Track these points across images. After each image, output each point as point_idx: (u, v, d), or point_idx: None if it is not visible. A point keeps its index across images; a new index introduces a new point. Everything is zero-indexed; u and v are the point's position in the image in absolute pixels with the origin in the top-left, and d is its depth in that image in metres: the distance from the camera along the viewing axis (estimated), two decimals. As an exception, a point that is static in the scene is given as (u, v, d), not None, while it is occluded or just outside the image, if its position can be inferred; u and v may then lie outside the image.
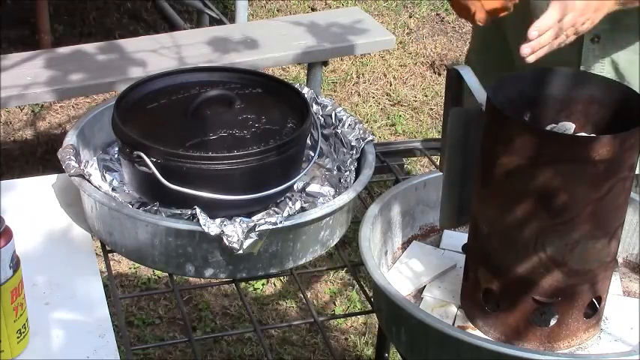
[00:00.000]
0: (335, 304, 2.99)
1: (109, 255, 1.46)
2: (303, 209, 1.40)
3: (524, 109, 1.28)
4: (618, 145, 1.14)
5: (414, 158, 2.09)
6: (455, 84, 1.35)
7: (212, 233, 1.34)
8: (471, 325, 1.30)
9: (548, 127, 1.27)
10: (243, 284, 2.00)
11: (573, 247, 1.20)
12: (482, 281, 1.27)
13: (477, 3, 1.58)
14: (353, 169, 1.54)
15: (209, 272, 1.40)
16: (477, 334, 1.25)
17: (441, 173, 1.49)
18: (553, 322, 1.25)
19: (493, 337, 1.27)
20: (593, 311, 1.27)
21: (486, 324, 1.28)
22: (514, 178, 1.19)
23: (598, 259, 1.22)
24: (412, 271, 1.40)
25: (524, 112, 1.28)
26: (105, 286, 1.40)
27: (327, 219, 1.44)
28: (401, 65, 4.31)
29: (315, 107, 1.62)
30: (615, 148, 1.14)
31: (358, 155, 1.55)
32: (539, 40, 1.45)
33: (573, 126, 1.27)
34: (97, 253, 1.47)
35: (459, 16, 1.67)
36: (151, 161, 1.38)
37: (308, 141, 1.54)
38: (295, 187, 1.52)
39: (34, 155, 3.68)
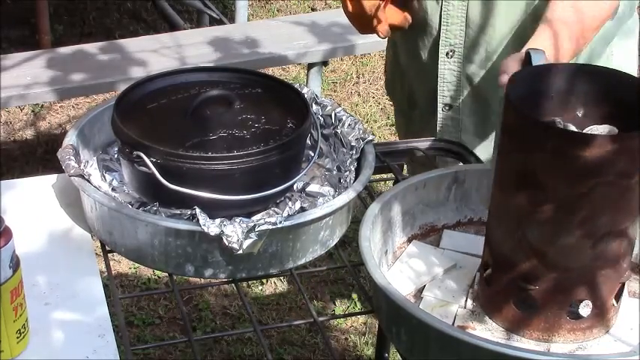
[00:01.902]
0: (335, 304, 2.99)
1: (109, 255, 1.46)
2: (303, 209, 1.40)
3: (578, 105, 1.30)
4: (599, 145, 1.15)
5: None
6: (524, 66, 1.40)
7: (212, 233, 1.34)
8: (471, 325, 1.30)
9: (588, 128, 1.27)
10: (243, 284, 2.00)
11: (552, 240, 1.21)
12: (484, 256, 1.32)
13: (383, 16, 1.73)
14: (353, 169, 1.54)
15: (209, 272, 1.40)
16: (477, 334, 1.25)
17: (441, 173, 1.50)
18: (532, 309, 1.27)
19: (482, 309, 1.32)
20: (582, 315, 1.27)
21: (483, 297, 1.33)
22: (505, 159, 1.25)
23: (581, 260, 1.22)
24: (412, 271, 1.40)
25: (577, 108, 1.30)
26: (105, 286, 1.40)
27: (327, 219, 1.44)
28: (401, 65, 4.30)
29: (315, 107, 1.62)
30: (594, 147, 1.14)
31: (358, 155, 1.55)
32: None
33: (616, 131, 1.26)
34: (97, 253, 1.47)
35: (362, 30, 1.82)
36: (151, 161, 1.38)
37: (308, 141, 1.54)
38: (295, 187, 1.52)
39: (34, 155, 3.68)
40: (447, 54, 1.81)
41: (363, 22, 1.77)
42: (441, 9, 1.78)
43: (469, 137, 1.87)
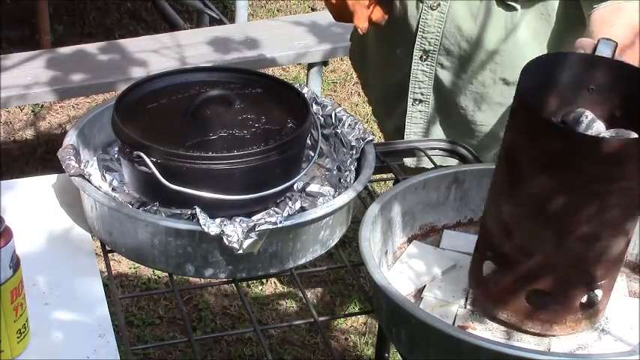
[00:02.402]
0: (335, 304, 2.99)
1: (109, 255, 1.46)
2: (303, 209, 1.40)
3: (618, 102, 1.29)
4: (561, 141, 1.16)
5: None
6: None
7: (212, 233, 1.34)
8: (471, 325, 1.30)
9: (610, 131, 1.26)
10: (243, 284, 2.00)
11: (518, 222, 1.24)
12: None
13: (364, 12, 1.76)
14: (353, 169, 1.54)
15: (209, 272, 1.40)
16: (477, 334, 1.26)
17: (441, 173, 1.50)
18: (498, 285, 1.29)
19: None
20: (540, 306, 1.28)
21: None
22: (503, 135, 1.27)
23: (543, 251, 1.23)
24: (412, 271, 1.40)
25: (616, 107, 1.29)
26: (105, 286, 1.40)
27: (327, 219, 1.44)
28: (401, 65, 4.31)
29: (315, 107, 1.62)
30: (558, 144, 1.16)
31: (358, 155, 1.55)
32: None
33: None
34: (97, 253, 1.47)
35: (338, 20, 1.85)
36: (151, 161, 1.38)
37: (308, 141, 1.54)
38: (295, 187, 1.52)
39: (34, 155, 3.68)
40: (421, 57, 1.84)
41: (342, 14, 1.79)
42: (420, 16, 1.80)
43: (436, 128, 1.92)
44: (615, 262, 1.27)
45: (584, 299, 1.27)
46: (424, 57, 1.84)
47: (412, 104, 1.91)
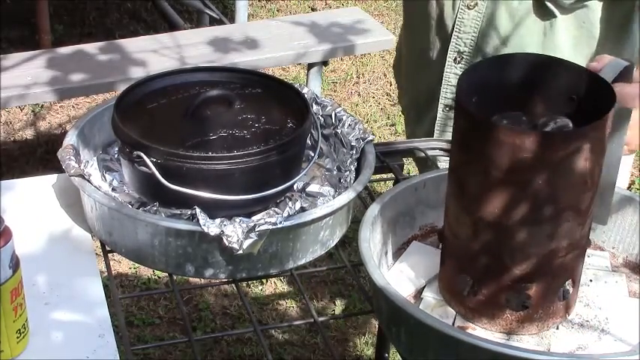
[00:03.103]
0: (335, 304, 2.99)
1: (109, 255, 1.46)
2: (303, 209, 1.40)
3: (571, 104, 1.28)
4: (465, 121, 1.20)
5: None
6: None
7: (212, 233, 1.34)
8: (471, 325, 1.30)
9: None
10: (243, 284, 2.00)
11: (449, 205, 1.30)
12: None
13: None
14: (353, 169, 1.54)
15: (209, 272, 1.40)
16: (477, 334, 1.25)
17: (441, 173, 1.50)
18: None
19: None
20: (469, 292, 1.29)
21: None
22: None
23: (465, 237, 1.25)
24: (412, 272, 1.40)
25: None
26: (105, 286, 1.40)
27: (327, 219, 1.44)
28: (401, 65, 4.30)
29: (315, 107, 1.62)
30: (463, 123, 1.20)
31: (358, 155, 1.55)
32: None
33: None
34: (97, 253, 1.47)
35: None
36: (151, 161, 1.38)
37: (308, 141, 1.54)
38: (295, 187, 1.52)
39: (34, 155, 3.68)
40: (455, 59, 1.82)
41: None
42: (456, 16, 1.78)
43: None
44: (542, 265, 1.22)
45: (510, 297, 1.26)
46: (458, 59, 1.81)
47: (442, 110, 1.87)
